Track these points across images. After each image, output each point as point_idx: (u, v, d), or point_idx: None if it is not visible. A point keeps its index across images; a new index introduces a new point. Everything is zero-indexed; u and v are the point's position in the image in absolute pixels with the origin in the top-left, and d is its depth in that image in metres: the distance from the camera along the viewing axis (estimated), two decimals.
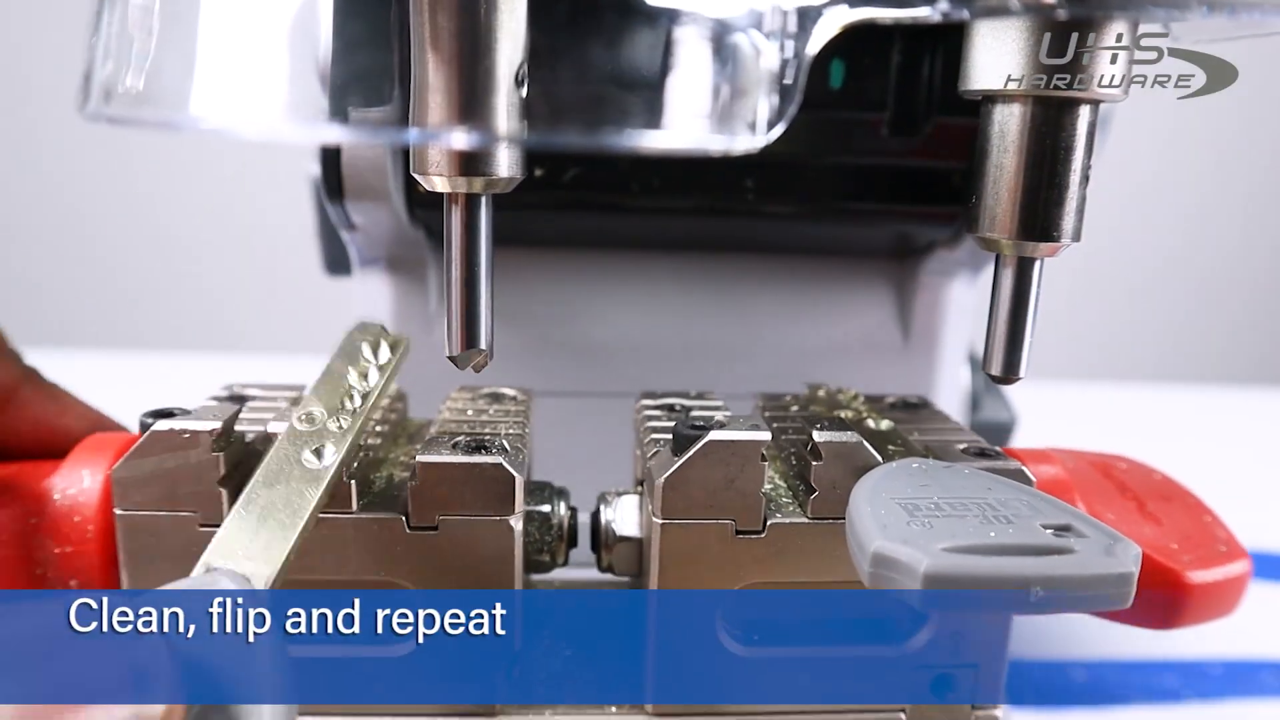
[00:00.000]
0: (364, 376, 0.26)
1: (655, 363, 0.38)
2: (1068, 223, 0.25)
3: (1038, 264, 0.26)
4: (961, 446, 0.27)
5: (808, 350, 0.38)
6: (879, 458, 0.24)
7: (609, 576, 0.28)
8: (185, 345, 1.01)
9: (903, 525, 0.20)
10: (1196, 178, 1.41)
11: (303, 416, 0.25)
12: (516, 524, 0.24)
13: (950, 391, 0.40)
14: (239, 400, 0.29)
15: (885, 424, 0.29)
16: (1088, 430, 0.65)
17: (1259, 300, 1.47)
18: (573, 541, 0.27)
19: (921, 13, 0.18)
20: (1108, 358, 1.42)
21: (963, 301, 0.39)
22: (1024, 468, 0.25)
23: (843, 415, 0.29)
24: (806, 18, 0.19)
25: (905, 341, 0.39)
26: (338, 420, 0.25)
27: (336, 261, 0.40)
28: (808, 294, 0.38)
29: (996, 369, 0.27)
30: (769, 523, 0.25)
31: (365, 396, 0.26)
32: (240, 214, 1.31)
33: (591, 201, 0.33)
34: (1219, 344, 1.47)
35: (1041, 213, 0.25)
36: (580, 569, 0.28)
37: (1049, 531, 0.20)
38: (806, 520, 0.25)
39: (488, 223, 0.24)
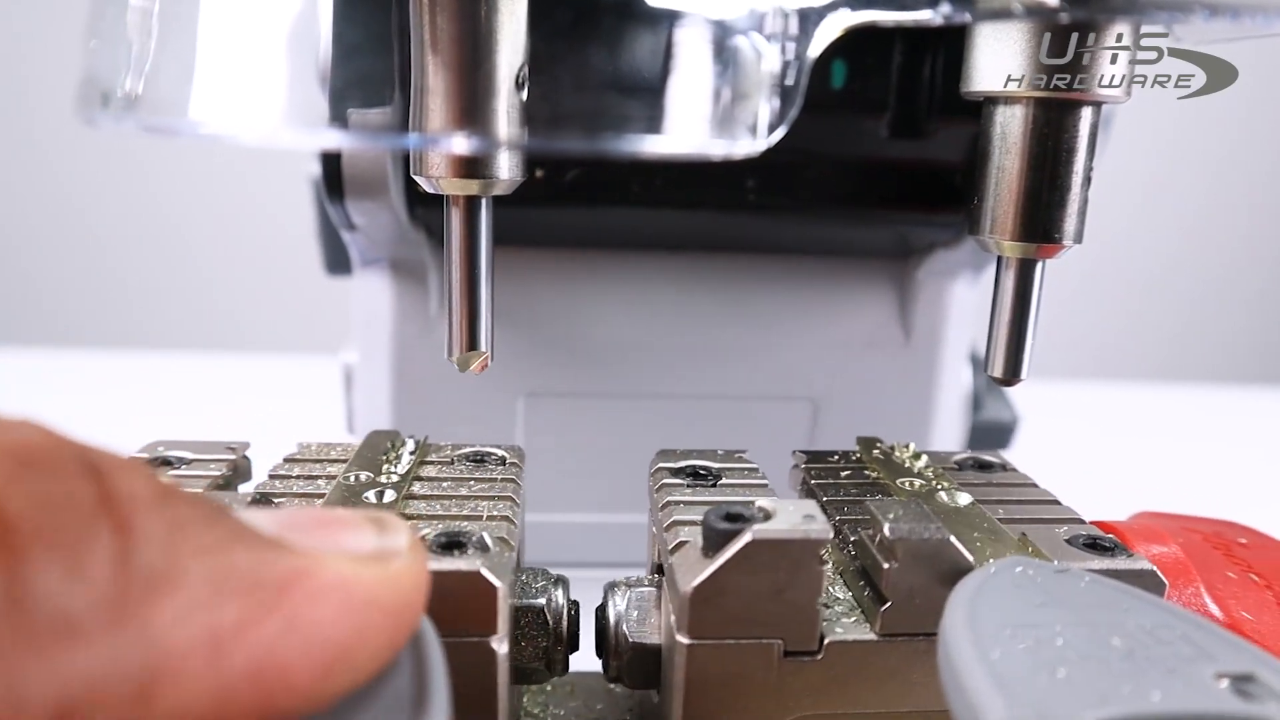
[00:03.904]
0: (393, 465, 0.25)
1: (656, 363, 0.38)
2: (1070, 224, 0.25)
3: (1039, 265, 0.26)
4: (1063, 532, 0.22)
5: (809, 351, 0.38)
6: (970, 559, 0.19)
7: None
8: (185, 345, 1.01)
9: (1028, 677, 0.14)
10: (1197, 178, 1.41)
11: (345, 480, 0.24)
12: (500, 646, 0.19)
13: (952, 391, 0.40)
14: (164, 465, 0.25)
15: (963, 498, 0.24)
16: (1088, 430, 0.65)
17: (1259, 300, 1.47)
18: (573, 646, 0.22)
19: (923, 16, 0.18)
20: (1108, 358, 1.42)
21: (965, 301, 0.39)
22: (1156, 570, 0.21)
23: (908, 484, 0.25)
24: (808, 20, 0.19)
25: (907, 341, 0.39)
26: (386, 475, 0.24)
27: (337, 261, 0.40)
28: (809, 294, 0.38)
29: (999, 371, 0.27)
30: (827, 641, 0.20)
31: (404, 475, 0.24)
32: (240, 213, 1.31)
33: (593, 201, 0.33)
34: (1219, 344, 1.47)
35: (1043, 214, 0.24)
36: (582, 670, 0.24)
37: (1226, 685, 0.14)
38: (875, 638, 0.20)
39: (488, 224, 0.24)
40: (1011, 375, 0.27)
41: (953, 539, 0.19)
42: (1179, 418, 0.72)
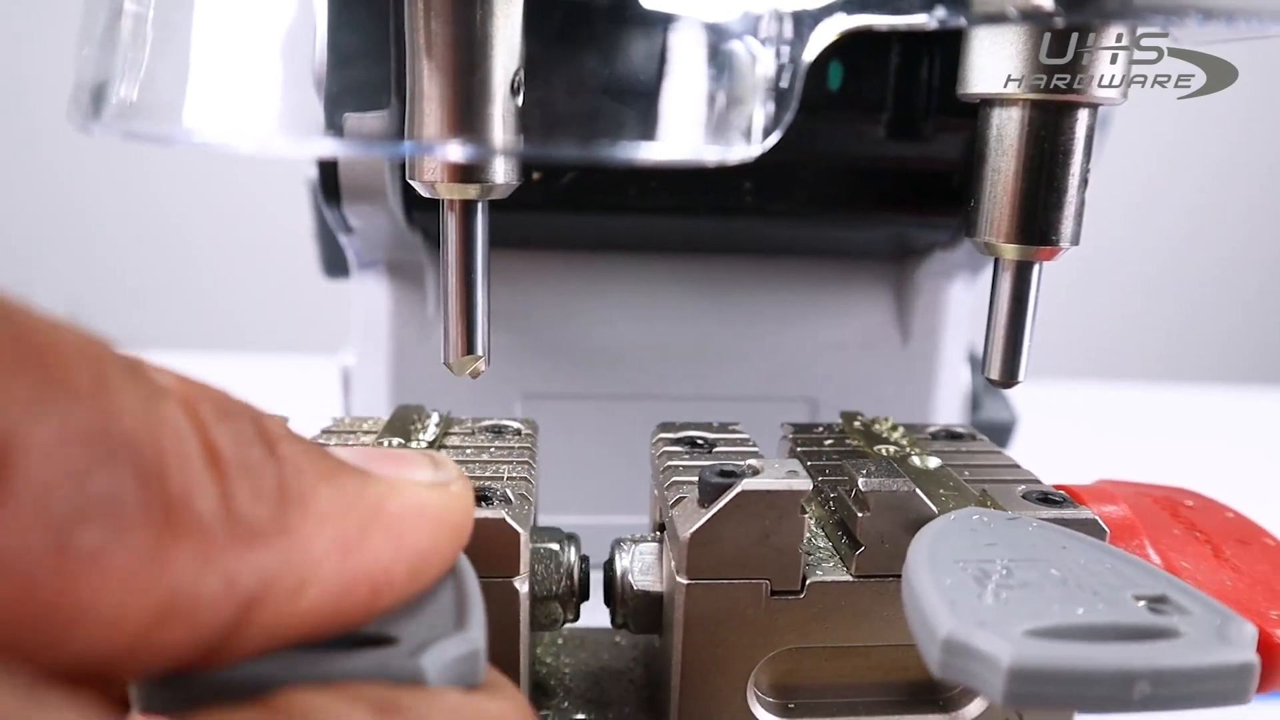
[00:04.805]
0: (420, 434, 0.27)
1: (654, 365, 0.38)
2: (1066, 226, 0.25)
3: (1036, 268, 0.26)
4: (1020, 489, 0.24)
5: (807, 352, 0.38)
6: (934, 508, 0.22)
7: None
8: (185, 345, 1.01)
9: (974, 600, 0.16)
10: (1197, 177, 1.41)
11: (380, 445, 0.25)
12: (521, 586, 0.22)
13: (950, 392, 0.40)
14: None
15: (933, 461, 0.26)
16: (1088, 430, 0.65)
17: (1259, 300, 1.47)
18: (584, 595, 0.24)
19: (918, 20, 0.18)
20: (1108, 358, 1.42)
21: (962, 302, 0.39)
22: (1097, 518, 0.23)
23: (884, 451, 0.27)
24: (802, 24, 0.19)
25: (905, 343, 0.39)
26: (416, 442, 0.26)
27: (334, 264, 0.40)
28: (807, 296, 0.38)
29: (996, 373, 0.27)
30: (808, 582, 0.22)
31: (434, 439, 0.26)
32: (240, 214, 1.31)
33: (590, 204, 0.33)
34: (1219, 344, 1.46)
35: (1040, 216, 0.24)
36: (592, 621, 0.25)
37: (1143, 605, 0.17)
38: (851, 578, 0.22)
39: (484, 228, 0.24)
40: (1009, 377, 0.27)
41: (918, 491, 0.22)
42: (1178, 418, 0.72)
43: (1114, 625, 0.16)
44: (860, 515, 0.22)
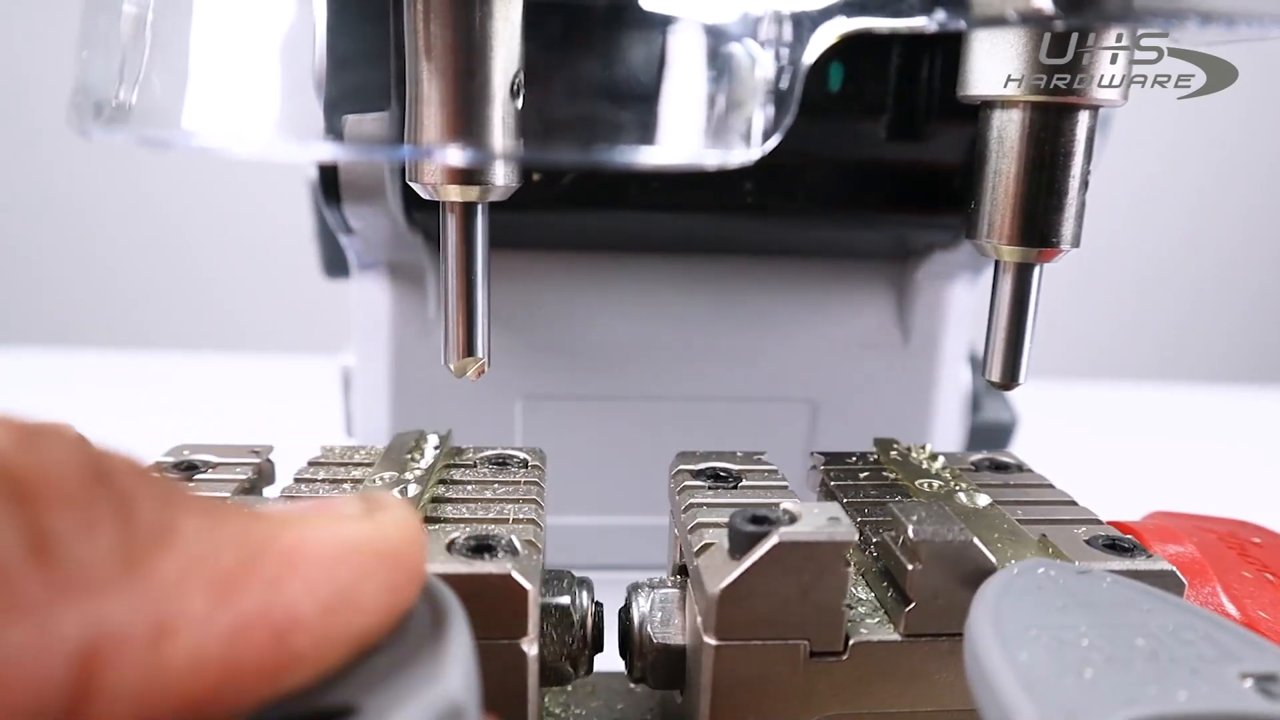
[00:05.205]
0: (416, 462, 0.25)
1: (655, 366, 0.38)
2: (1067, 229, 0.25)
3: (1037, 270, 0.26)
4: (1082, 532, 0.22)
5: (808, 353, 0.38)
6: (993, 560, 0.20)
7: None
8: (185, 345, 1.01)
9: (1055, 679, 0.14)
10: (1197, 177, 1.41)
11: (371, 481, 0.24)
12: (530, 648, 0.19)
13: (951, 393, 0.40)
14: (190, 469, 0.25)
15: (981, 499, 0.24)
16: (1087, 430, 0.65)
17: (1259, 300, 1.47)
18: (598, 646, 0.22)
19: (918, 23, 0.18)
20: (1108, 358, 1.42)
21: (963, 303, 0.39)
22: (1175, 570, 0.21)
23: (926, 485, 0.25)
24: (802, 26, 0.19)
25: (905, 343, 0.39)
26: (410, 471, 0.24)
27: (335, 264, 0.40)
28: (808, 296, 0.38)
29: (996, 376, 0.27)
30: (852, 642, 0.20)
31: (428, 470, 0.25)
32: (240, 214, 1.31)
33: (590, 204, 0.33)
34: (1219, 344, 1.46)
35: (1040, 219, 0.24)
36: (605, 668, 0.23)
37: (1250, 685, 0.14)
38: (899, 638, 0.20)
39: (484, 231, 0.24)
40: (1009, 380, 0.27)
41: (976, 541, 0.20)
42: (1178, 418, 0.72)
43: (1224, 715, 0.14)
44: (910, 567, 0.20)
